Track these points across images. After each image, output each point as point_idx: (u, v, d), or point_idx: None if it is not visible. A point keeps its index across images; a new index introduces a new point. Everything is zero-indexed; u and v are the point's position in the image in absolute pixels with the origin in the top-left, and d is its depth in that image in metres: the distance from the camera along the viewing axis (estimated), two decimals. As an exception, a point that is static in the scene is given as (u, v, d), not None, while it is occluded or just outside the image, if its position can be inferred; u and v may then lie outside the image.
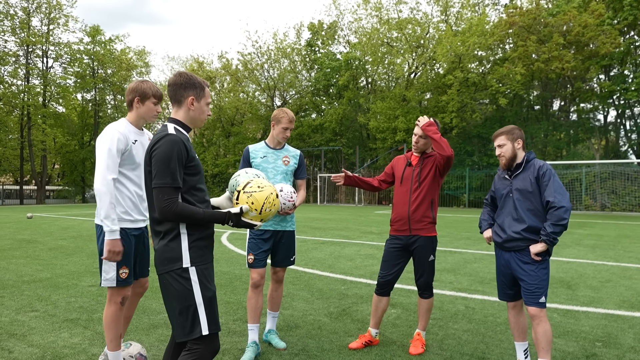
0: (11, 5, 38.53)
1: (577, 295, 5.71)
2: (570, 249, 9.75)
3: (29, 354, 3.61)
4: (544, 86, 32.62)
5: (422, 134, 3.75)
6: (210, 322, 2.21)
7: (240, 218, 2.30)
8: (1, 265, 7.43)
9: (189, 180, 2.27)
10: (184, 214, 2.18)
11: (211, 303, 2.24)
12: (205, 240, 2.32)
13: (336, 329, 4.30)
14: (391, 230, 3.89)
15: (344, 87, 37.98)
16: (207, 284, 2.25)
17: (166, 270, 2.22)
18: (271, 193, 2.38)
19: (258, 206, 2.32)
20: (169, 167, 2.17)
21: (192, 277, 2.21)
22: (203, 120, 2.46)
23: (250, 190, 2.35)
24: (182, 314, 2.19)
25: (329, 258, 8.42)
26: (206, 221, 2.23)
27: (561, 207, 3.03)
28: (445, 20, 34.43)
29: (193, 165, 2.28)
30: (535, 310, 3.10)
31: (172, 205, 2.15)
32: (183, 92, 2.36)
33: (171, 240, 2.23)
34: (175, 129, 2.33)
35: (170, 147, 2.19)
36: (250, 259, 3.76)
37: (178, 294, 2.20)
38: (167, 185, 2.16)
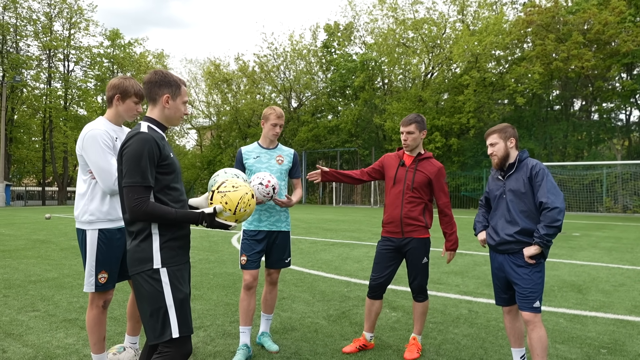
0: (34, 11, 39.47)
1: (587, 299, 5.52)
2: (586, 252, 9.48)
3: (22, 354, 3.62)
4: (563, 86, 31.94)
5: (409, 130, 3.65)
6: (181, 325, 2.16)
7: (214, 218, 2.25)
8: (12, 265, 7.55)
9: (163, 179, 2.23)
10: (154, 214, 2.14)
11: (182, 305, 2.19)
12: (178, 241, 2.27)
13: (332, 332, 4.23)
14: (383, 232, 3.80)
15: (359, 88, 37.83)
16: (179, 285, 2.20)
17: (137, 271, 2.19)
18: (246, 193, 2.33)
19: (232, 206, 2.27)
20: (139, 165, 2.13)
21: (163, 278, 2.16)
22: (179, 119, 2.41)
23: (225, 190, 2.31)
24: (152, 316, 2.15)
25: (336, 260, 8.34)
26: (178, 221, 2.19)
27: (555, 208, 2.91)
28: (462, 20, 34.04)
29: (167, 164, 2.23)
30: (530, 316, 2.98)
31: (142, 205, 2.11)
32: (158, 90, 2.32)
33: (142, 241, 2.19)
34: (149, 127, 2.29)
35: (141, 146, 2.15)
36: (243, 260, 3.72)
37: (148, 296, 2.16)
38: (137, 184, 2.13)
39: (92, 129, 2.89)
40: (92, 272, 2.90)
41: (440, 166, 3.70)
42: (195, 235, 12.17)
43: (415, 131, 3.66)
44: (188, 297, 2.25)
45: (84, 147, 2.86)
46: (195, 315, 4.73)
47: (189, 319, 2.22)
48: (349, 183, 4.12)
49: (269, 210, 3.76)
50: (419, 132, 3.68)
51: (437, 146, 31.93)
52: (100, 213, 2.91)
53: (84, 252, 2.94)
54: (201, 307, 5.03)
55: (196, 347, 3.82)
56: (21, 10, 38.63)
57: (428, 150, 31.46)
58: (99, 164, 2.82)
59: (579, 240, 11.77)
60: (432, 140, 32.02)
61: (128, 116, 3.08)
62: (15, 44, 39.52)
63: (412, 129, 3.66)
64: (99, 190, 2.92)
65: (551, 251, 9.44)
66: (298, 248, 9.82)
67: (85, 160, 2.89)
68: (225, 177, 2.51)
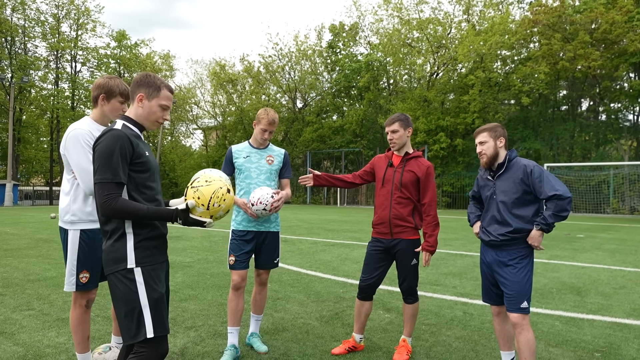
0: (42, 12, 39.85)
1: (585, 302, 5.45)
2: (588, 254, 9.38)
3: (12, 353, 3.63)
4: (570, 86, 31.71)
5: (393, 129, 3.62)
6: (156, 325, 2.14)
7: (188, 215, 2.20)
8: (12, 264, 7.59)
9: (137, 178, 2.21)
10: (124, 210, 2.11)
11: (157, 305, 2.17)
12: (154, 241, 2.25)
13: (323, 334, 4.20)
14: (373, 233, 3.77)
15: (364, 89, 37.81)
16: (154, 285, 2.18)
17: (111, 271, 2.17)
18: (220, 187, 2.27)
19: (205, 201, 2.21)
20: (111, 162, 2.11)
21: (137, 278, 2.15)
22: (153, 122, 2.36)
23: (197, 185, 2.26)
24: (127, 316, 2.14)
25: (335, 260, 8.32)
26: (150, 218, 2.16)
27: (567, 198, 2.89)
28: (468, 20, 33.88)
29: (141, 162, 2.21)
30: (517, 318, 2.95)
31: (112, 201, 2.09)
32: (136, 89, 2.32)
33: (116, 241, 2.17)
34: (124, 125, 2.28)
35: (112, 142, 2.13)
36: (231, 261, 3.70)
37: (123, 296, 2.15)
38: (107, 181, 2.10)
39: (75, 129, 2.88)
40: (73, 271, 2.90)
41: (428, 165, 3.65)
42: (196, 235, 12.20)
43: (400, 129, 3.63)
44: (163, 296, 2.23)
45: (67, 146, 2.85)
46: (188, 315, 4.72)
47: (164, 319, 2.20)
48: (341, 187, 4.09)
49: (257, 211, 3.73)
50: (404, 130, 3.64)
51: (442, 146, 31.83)
52: (82, 214, 2.91)
53: (65, 251, 2.93)
54: (195, 307, 5.03)
55: (185, 347, 3.81)
56: (29, 11, 39.04)
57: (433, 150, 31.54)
58: (80, 164, 2.81)
59: (583, 242, 11.66)
60: (437, 140, 31.93)
61: (113, 116, 3.06)
62: (23, 45, 39.90)
63: (396, 127, 3.62)
64: (82, 191, 2.90)
65: (553, 252, 9.35)
66: (298, 248, 9.81)
67: (68, 160, 2.88)
68: (199, 173, 2.45)
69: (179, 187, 47.53)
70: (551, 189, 2.90)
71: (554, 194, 2.89)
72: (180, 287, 6.02)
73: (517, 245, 3.04)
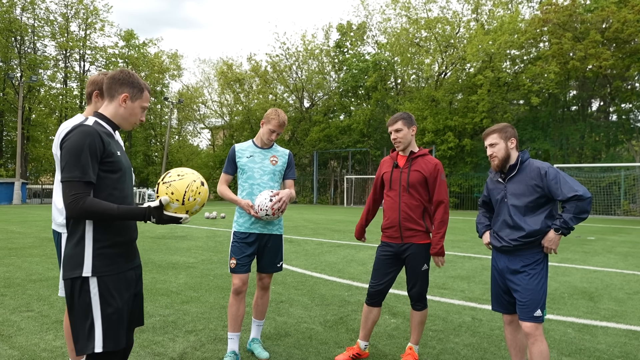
0: (51, 12, 40.14)
1: (598, 308, 5.27)
2: (600, 257, 9.17)
3: (7, 357, 3.54)
4: (580, 86, 31.32)
5: (396, 128, 3.48)
6: (106, 339, 1.99)
7: (162, 212, 2.05)
8: (15, 264, 7.54)
9: (106, 178, 2.07)
10: (93, 210, 1.96)
11: (111, 319, 2.01)
12: (118, 248, 2.10)
13: (327, 339, 4.07)
14: (382, 237, 3.63)
15: (372, 88, 37.62)
16: (110, 298, 2.03)
17: (67, 277, 2.04)
18: (194, 180, 2.14)
19: (179, 196, 2.08)
20: (79, 159, 1.97)
21: (92, 289, 2.00)
22: (132, 124, 2.25)
23: (170, 179, 2.12)
24: (78, 326, 2.02)
25: (340, 262, 8.18)
26: (121, 218, 2.01)
27: (587, 198, 2.75)
28: (476, 19, 33.59)
29: (111, 161, 2.07)
30: (530, 327, 2.80)
31: (79, 201, 1.95)
32: (119, 87, 2.18)
33: (75, 245, 2.03)
34: (96, 122, 2.14)
35: (81, 139, 1.99)
36: (233, 264, 3.58)
37: (76, 304, 2.02)
38: (75, 179, 1.96)
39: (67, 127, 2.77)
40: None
41: (436, 162, 3.48)
42: (201, 235, 12.13)
43: (404, 127, 3.48)
44: (121, 310, 2.07)
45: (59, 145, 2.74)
46: (189, 318, 4.62)
47: (118, 333, 2.04)
48: (376, 212, 3.90)
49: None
50: (408, 129, 3.50)
51: (450, 146, 31.58)
52: None
53: (59, 255, 2.83)
54: (196, 310, 4.92)
55: (185, 352, 3.70)
56: (39, 11, 39.32)
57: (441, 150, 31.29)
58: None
59: (594, 244, 11.43)
60: (445, 140, 31.68)
61: None
62: (32, 44, 40.20)
63: (400, 125, 3.48)
64: None
65: (563, 255, 9.16)
66: (303, 249, 9.69)
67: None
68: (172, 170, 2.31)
69: (186, 186, 47.54)
70: (570, 189, 2.76)
71: (573, 195, 2.74)
72: (183, 288, 5.92)
73: (530, 251, 2.89)
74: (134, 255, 2.24)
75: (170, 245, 10.11)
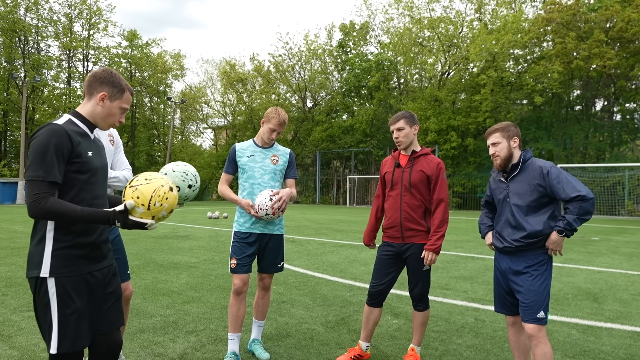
0: (55, 12, 40.15)
1: (603, 309, 5.23)
2: (604, 257, 9.10)
3: (7, 356, 3.52)
4: (584, 85, 31.17)
5: (398, 127, 3.44)
6: (61, 341, 1.97)
7: (127, 216, 2.00)
8: (18, 263, 7.53)
9: (74, 179, 2.04)
10: (54, 211, 1.93)
11: (68, 320, 1.99)
12: (81, 249, 2.06)
13: (328, 340, 4.04)
14: (383, 237, 3.59)
15: (375, 88, 37.55)
16: (68, 299, 1.99)
17: (28, 275, 2.04)
18: (161, 185, 2.07)
19: (145, 201, 2.01)
20: (44, 159, 1.94)
21: (50, 289, 1.97)
22: (110, 124, 2.21)
23: (136, 183, 2.06)
24: (40, 325, 2.03)
25: (342, 262, 8.15)
26: (84, 220, 1.97)
27: (590, 199, 2.72)
28: (480, 19, 33.49)
29: (79, 162, 2.03)
30: (533, 329, 2.76)
31: (41, 201, 1.92)
32: (98, 86, 2.14)
33: (37, 244, 2.02)
34: (70, 120, 2.11)
35: (47, 137, 1.96)
36: (233, 264, 3.56)
37: (37, 304, 2.02)
38: (38, 179, 1.93)
39: None
40: None
41: (438, 161, 3.45)
42: (203, 235, 12.11)
43: (406, 126, 3.45)
44: (81, 311, 2.03)
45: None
46: (190, 318, 4.59)
47: (76, 336, 2.01)
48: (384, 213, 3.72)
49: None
50: (410, 127, 3.46)
51: (452, 146, 31.49)
52: None
53: None
54: (197, 310, 4.89)
55: (185, 352, 3.67)
56: (42, 11, 39.35)
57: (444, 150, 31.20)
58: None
59: (598, 245, 11.36)
60: (448, 140, 31.60)
61: None
62: (36, 44, 40.28)
63: (402, 124, 3.45)
64: None
65: (567, 256, 9.10)
66: (305, 249, 9.65)
67: None
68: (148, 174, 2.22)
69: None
70: (573, 189, 2.72)
71: (576, 195, 2.70)
72: (184, 288, 5.90)
73: (533, 252, 2.86)
74: (101, 256, 2.18)
75: (172, 245, 10.10)
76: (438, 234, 3.35)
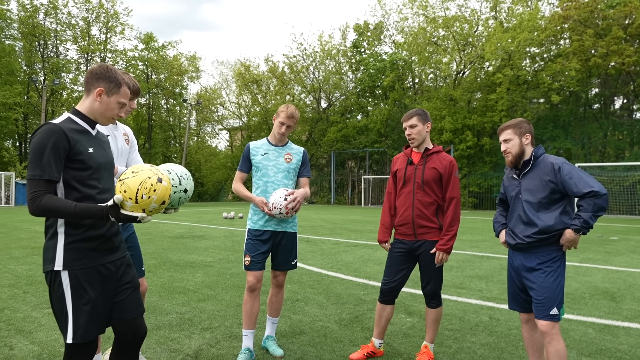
0: (73, 16, 40.90)
1: (620, 308, 5.15)
2: (623, 257, 8.95)
3: (28, 352, 3.62)
4: (603, 83, 30.65)
5: (411, 124, 3.44)
6: (76, 331, 2.04)
7: (118, 211, 2.00)
8: (38, 262, 7.71)
9: (76, 175, 2.09)
10: (49, 208, 1.99)
11: (82, 310, 2.06)
12: (91, 242, 2.13)
13: (342, 338, 4.06)
14: (395, 234, 3.60)
15: (389, 88, 37.44)
16: (81, 290, 2.07)
17: (44, 270, 2.12)
18: (148, 177, 2.03)
19: (132, 194, 1.98)
20: (42, 158, 2.00)
21: (64, 281, 2.05)
22: (108, 119, 2.25)
23: (124, 177, 2.03)
24: (57, 316, 2.10)
25: (357, 261, 8.16)
26: (78, 216, 2.01)
27: (603, 195, 2.69)
28: (495, 17, 33.16)
29: (79, 159, 2.09)
30: (546, 326, 2.75)
31: (37, 199, 1.99)
32: (95, 81, 2.18)
33: (50, 239, 2.10)
34: (69, 118, 2.16)
35: (45, 137, 2.02)
36: (247, 261, 3.60)
37: (53, 296, 2.10)
38: (36, 177, 2.00)
39: None
40: None
41: (450, 159, 3.45)
42: (219, 235, 12.23)
43: (419, 123, 3.45)
44: (94, 302, 2.10)
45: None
46: (205, 316, 4.66)
47: (90, 326, 2.08)
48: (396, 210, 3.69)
49: (274, 210, 3.62)
50: (423, 125, 3.46)
51: (468, 145, 31.24)
52: None
53: None
54: (212, 308, 4.96)
55: (200, 348, 3.73)
56: (61, 15, 40.11)
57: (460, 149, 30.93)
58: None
59: (617, 244, 11.17)
60: (464, 139, 31.35)
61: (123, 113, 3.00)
62: (55, 48, 41.09)
63: (415, 121, 3.45)
64: None
65: (585, 255, 8.97)
66: (320, 249, 9.69)
67: None
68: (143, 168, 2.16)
69: (205, 187, 48.06)
70: (586, 185, 2.70)
71: (589, 191, 2.68)
72: (200, 287, 5.98)
73: (546, 248, 2.84)
74: (113, 248, 2.24)
75: (188, 244, 10.21)
76: (450, 234, 3.35)
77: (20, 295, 5.44)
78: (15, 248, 9.34)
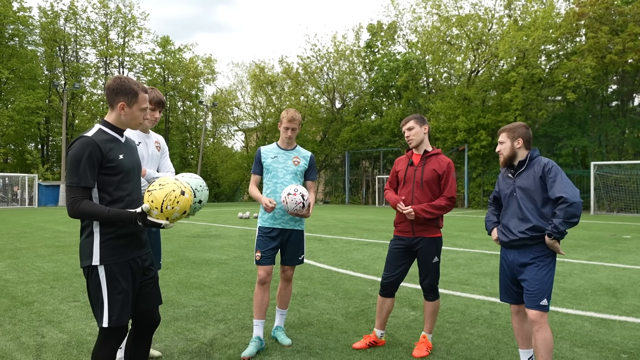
0: (92, 21, 41.89)
1: (620, 303, 5.30)
2: (632, 255, 9.02)
3: (58, 339, 3.96)
4: (620, 80, 30.27)
5: (409, 126, 3.70)
6: (111, 316, 2.34)
7: (145, 217, 2.30)
8: (63, 260, 8.12)
9: (108, 180, 2.38)
10: (86, 212, 2.28)
11: (115, 299, 2.35)
12: (122, 239, 2.41)
13: (347, 329, 4.32)
14: (395, 231, 3.84)
15: (403, 88, 37.48)
16: (115, 282, 2.36)
17: (82, 265, 2.41)
18: (173, 190, 2.32)
19: (158, 204, 2.29)
20: (79, 167, 2.28)
21: (101, 274, 2.34)
22: (138, 125, 2.55)
23: (152, 188, 2.34)
24: (94, 304, 2.39)
25: (367, 259, 8.39)
26: (110, 220, 2.30)
27: (574, 203, 2.88)
28: (509, 15, 32.98)
29: (111, 166, 2.37)
30: (536, 315, 2.96)
31: (75, 204, 2.28)
32: (114, 97, 2.44)
33: (86, 237, 2.38)
34: (100, 129, 2.43)
35: (81, 149, 2.30)
36: (258, 256, 3.88)
37: (91, 287, 2.39)
38: (74, 185, 2.29)
39: None
40: None
41: (448, 161, 3.70)
42: (234, 234, 12.57)
43: (416, 126, 3.70)
44: (126, 291, 2.39)
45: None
46: (219, 309, 4.95)
47: (123, 312, 2.37)
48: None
49: (282, 209, 3.89)
50: (420, 127, 3.71)
51: (482, 145, 31.13)
52: None
53: None
54: (226, 302, 5.26)
55: (214, 338, 4.02)
56: (80, 21, 41.10)
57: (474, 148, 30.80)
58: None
59: (628, 243, 11.19)
60: (478, 139, 31.26)
61: (148, 122, 3.30)
62: (75, 52, 42.10)
63: (412, 124, 3.70)
64: None
65: (594, 254, 9.06)
66: (331, 247, 9.94)
67: None
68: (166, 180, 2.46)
69: (221, 187, 48.71)
70: (560, 190, 2.91)
71: (560, 196, 2.89)
72: (215, 282, 6.29)
73: (539, 245, 3.05)
74: (140, 245, 2.54)
75: (205, 243, 10.57)
76: (430, 209, 3.57)
77: (48, 290, 5.81)
78: (40, 247, 9.80)
